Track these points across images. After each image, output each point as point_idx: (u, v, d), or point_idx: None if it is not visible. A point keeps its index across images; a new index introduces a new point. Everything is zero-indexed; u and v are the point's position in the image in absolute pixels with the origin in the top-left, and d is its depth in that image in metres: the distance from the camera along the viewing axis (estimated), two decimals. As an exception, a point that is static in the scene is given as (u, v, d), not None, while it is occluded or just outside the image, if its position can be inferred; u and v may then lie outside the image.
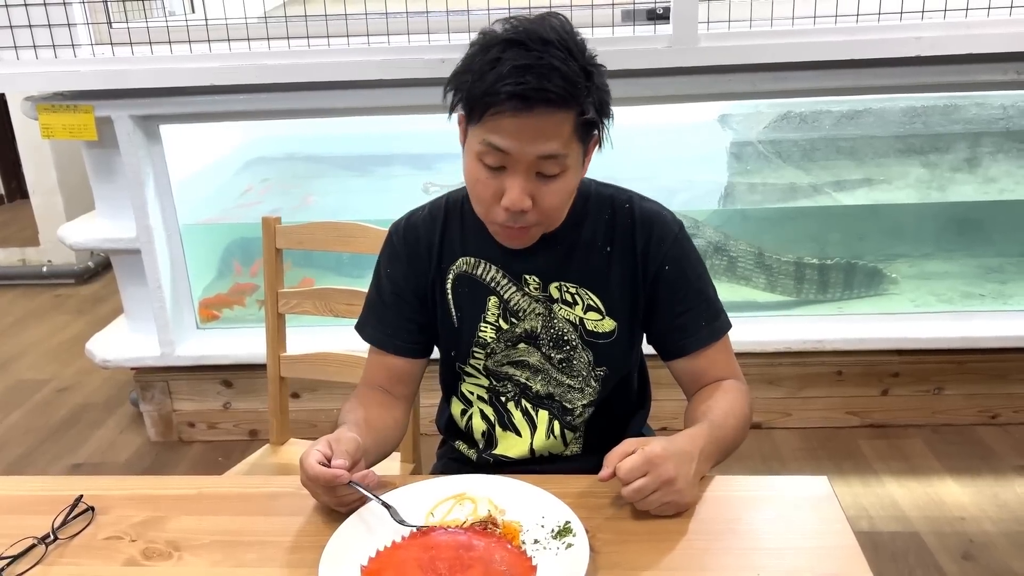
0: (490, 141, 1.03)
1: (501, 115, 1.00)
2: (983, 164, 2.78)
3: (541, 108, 0.99)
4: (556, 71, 0.99)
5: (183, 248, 2.51)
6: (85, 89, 2.23)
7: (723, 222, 2.82)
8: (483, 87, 1.01)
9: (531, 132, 1.01)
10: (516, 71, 0.98)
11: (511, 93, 0.98)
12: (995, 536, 2.05)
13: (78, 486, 1.09)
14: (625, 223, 1.17)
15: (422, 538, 0.94)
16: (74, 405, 2.95)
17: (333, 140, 3.09)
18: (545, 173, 1.05)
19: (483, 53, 1.02)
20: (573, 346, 1.19)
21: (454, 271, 1.21)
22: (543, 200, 1.06)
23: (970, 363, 2.48)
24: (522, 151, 1.02)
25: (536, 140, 1.01)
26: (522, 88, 0.98)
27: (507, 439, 1.25)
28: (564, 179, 1.07)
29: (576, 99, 1.02)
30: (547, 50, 1.00)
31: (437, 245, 1.21)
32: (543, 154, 1.03)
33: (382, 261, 1.26)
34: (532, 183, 1.05)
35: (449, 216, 1.22)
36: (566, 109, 1.01)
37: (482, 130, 1.03)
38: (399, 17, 2.17)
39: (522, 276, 1.18)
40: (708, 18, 2.12)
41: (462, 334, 1.22)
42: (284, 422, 1.73)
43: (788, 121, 2.81)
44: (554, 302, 1.18)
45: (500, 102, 0.99)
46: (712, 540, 0.96)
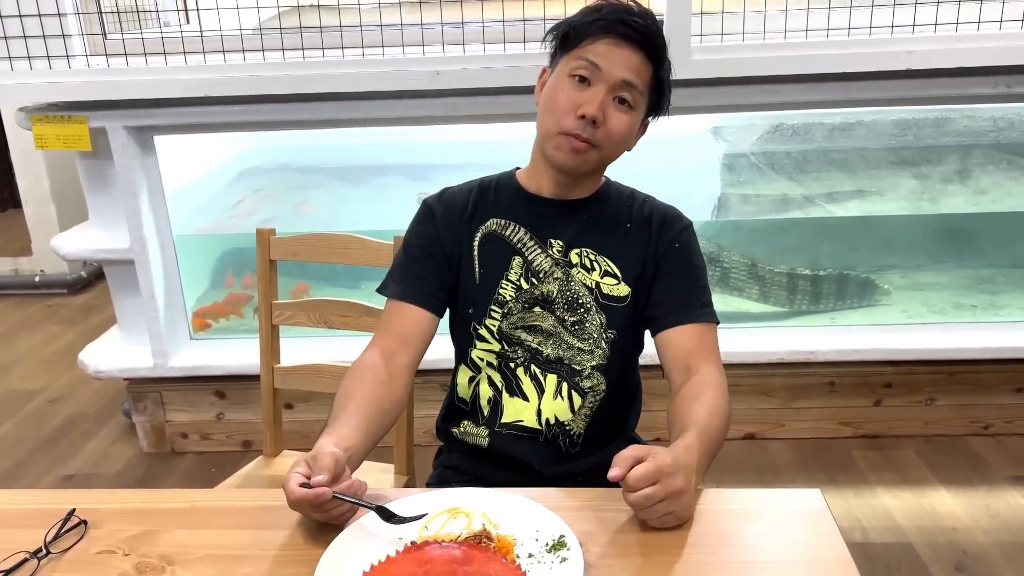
0: (587, 56, 1.19)
1: (604, 38, 1.18)
2: (974, 176, 2.80)
3: (636, 47, 1.18)
4: (650, 25, 1.19)
5: (176, 259, 2.50)
6: (79, 100, 2.23)
7: (716, 233, 2.83)
8: (593, 17, 1.20)
9: (623, 59, 1.18)
10: (626, 12, 1.19)
11: (616, 20, 1.18)
12: (988, 547, 2.06)
13: (70, 499, 1.09)
14: (644, 211, 1.31)
15: (416, 552, 0.94)
16: (66, 416, 2.93)
17: (327, 151, 3.09)
18: (621, 98, 1.20)
19: (588, 11, 1.21)
20: (587, 308, 1.27)
21: (483, 230, 1.30)
22: (610, 122, 1.20)
23: (962, 374, 2.49)
24: (611, 70, 1.18)
25: (624, 67, 1.18)
26: (626, 18, 1.18)
27: (513, 404, 1.28)
28: (630, 116, 1.22)
29: (658, 59, 1.21)
30: (645, 16, 1.20)
31: (471, 208, 1.31)
32: (627, 79, 1.19)
33: (413, 224, 1.34)
34: (607, 103, 1.19)
35: (484, 185, 1.34)
36: (652, 61, 1.20)
37: (581, 50, 1.20)
38: (394, 29, 2.18)
39: (548, 240, 1.28)
40: (701, 31, 2.13)
41: (482, 291, 1.29)
42: (278, 434, 1.73)
43: (781, 133, 2.83)
44: (573, 267, 1.28)
45: (603, 28, 1.18)
46: (706, 554, 0.97)
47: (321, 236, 1.63)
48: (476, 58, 2.16)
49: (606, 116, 1.19)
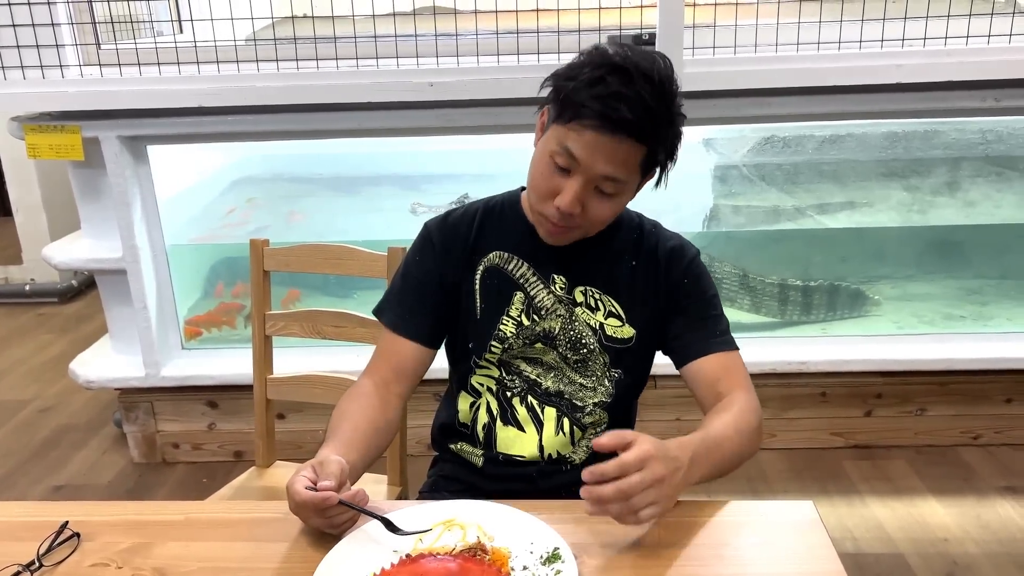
0: (567, 146, 1.11)
1: (585, 128, 1.09)
2: (963, 188, 2.82)
3: (622, 135, 1.09)
4: (647, 109, 1.08)
5: (169, 268, 2.50)
6: (73, 110, 2.23)
7: (708, 244, 2.84)
8: (581, 98, 1.09)
9: (604, 152, 1.10)
10: (614, 97, 1.08)
11: (602, 113, 1.08)
12: (978, 557, 2.07)
13: (63, 512, 1.09)
14: (650, 243, 1.27)
15: (411, 565, 0.94)
16: (56, 426, 2.92)
17: (320, 160, 3.09)
18: (602, 190, 1.14)
19: (592, 68, 1.10)
20: (591, 349, 1.25)
21: (485, 263, 1.27)
22: (591, 211, 1.15)
23: (952, 384, 2.51)
24: (590, 165, 1.11)
25: (606, 160, 1.11)
26: (613, 113, 1.08)
27: (507, 433, 1.27)
28: (616, 199, 1.17)
29: (652, 138, 1.12)
30: (646, 88, 1.08)
31: (473, 238, 1.28)
32: (606, 174, 1.12)
33: (412, 250, 1.32)
34: (587, 194, 1.14)
35: (487, 215, 1.29)
36: (641, 143, 1.11)
37: (563, 132, 1.12)
38: (388, 40, 2.19)
39: (551, 275, 1.25)
40: (693, 44, 2.15)
41: (483, 326, 1.26)
42: (270, 444, 1.73)
43: (772, 145, 2.85)
44: (577, 305, 1.25)
45: (590, 116, 1.09)
46: (699, 566, 0.97)
47: (314, 247, 1.64)
48: (470, 70, 2.17)
49: (585, 206, 1.15)
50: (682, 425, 2.37)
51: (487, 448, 1.29)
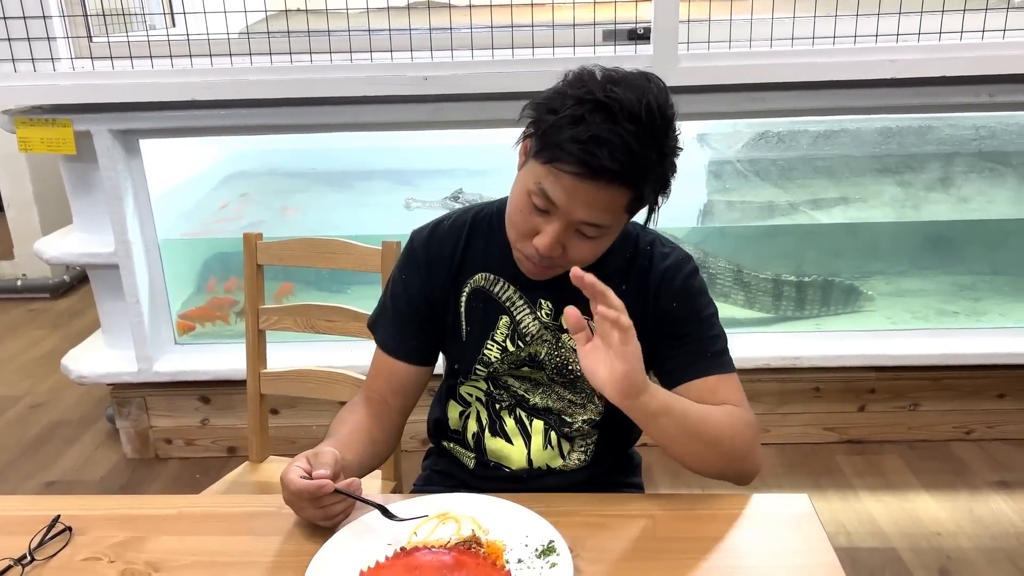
0: (544, 188, 1.04)
1: (563, 173, 1.02)
2: (956, 184, 2.83)
3: (603, 182, 1.01)
4: (631, 153, 1.00)
5: (162, 263, 2.49)
6: (64, 103, 2.22)
7: (702, 239, 2.85)
8: (559, 139, 1.01)
9: (584, 198, 1.03)
10: (593, 141, 0.99)
11: (580, 160, 1.00)
12: (971, 552, 2.07)
13: (55, 506, 1.08)
14: (643, 264, 1.19)
15: (405, 558, 0.94)
16: (48, 421, 2.90)
17: (314, 155, 3.08)
18: (583, 233, 1.07)
19: (572, 103, 1.02)
20: (577, 376, 1.21)
21: (471, 284, 1.22)
22: (572, 252, 1.09)
23: (945, 379, 2.52)
24: (569, 211, 1.04)
25: (586, 207, 1.03)
26: (592, 159, 0.99)
27: (495, 443, 1.25)
28: (599, 241, 1.09)
29: (638, 181, 1.03)
30: (630, 129, 1.00)
31: (459, 257, 1.22)
32: (588, 221, 1.05)
33: (398, 266, 1.27)
34: (568, 236, 1.07)
35: (474, 231, 1.23)
36: (626, 188, 1.03)
37: (542, 171, 1.04)
38: (382, 34, 2.18)
39: (538, 300, 1.20)
40: (688, 39, 2.15)
41: (468, 349, 1.23)
42: (264, 439, 1.72)
43: (766, 140, 2.85)
44: (564, 331, 1.19)
45: (568, 161, 1.01)
46: (695, 558, 0.97)
47: (308, 241, 1.63)
48: (464, 64, 2.16)
49: (566, 247, 1.08)
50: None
51: (478, 453, 1.28)
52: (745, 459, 1.12)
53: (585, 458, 1.25)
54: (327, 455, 1.03)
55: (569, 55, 2.15)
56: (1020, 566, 2.01)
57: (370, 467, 1.20)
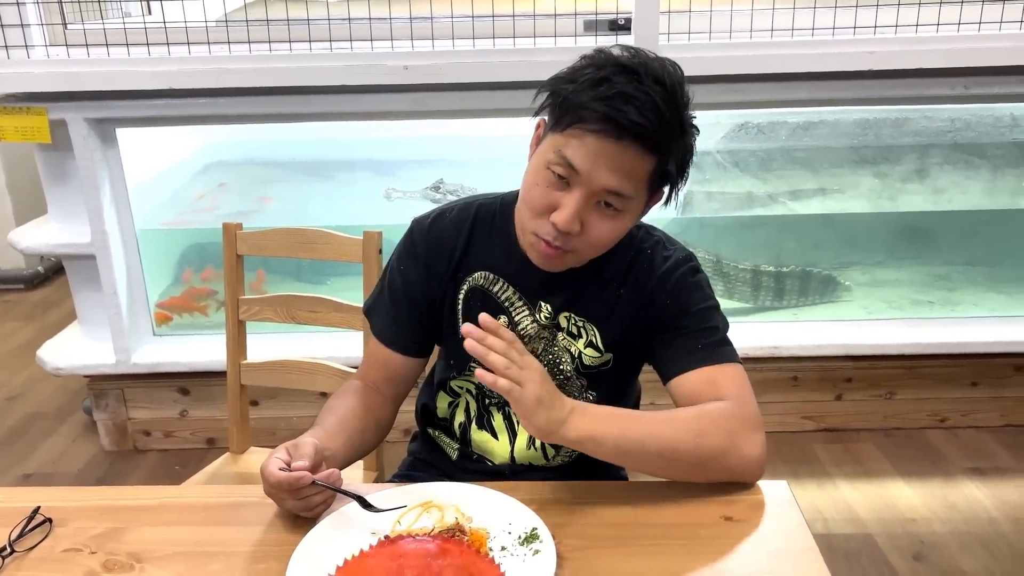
0: (565, 154, 1.00)
1: (587, 133, 0.98)
2: (932, 175, 2.86)
3: (628, 141, 0.97)
4: (658, 113, 0.97)
5: (139, 253, 2.46)
6: (39, 91, 2.19)
7: (682, 230, 2.86)
8: (582, 98, 0.98)
9: (609, 161, 0.98)
10: (620, 97, 0.96)
11: (607, 115, 0.96)
12: (944, 536, 2.11)
13: (34, 497, 1.07)
14: (641, 267, 1.16)
15: (389, 547, 0.94)
16: (24, 414, 2.87)
17: (293, 145, 3.06)
18: (606, 203, 1.02)
19: (595, 69, 0.99)
20: (567, 376, 1.19)
21: (470, 283, 1.19)
22: (591, 230, 1.04)
23: (920, 368, 2.55)
24: (592, 176, 1.00)
25: (610, 170, 0.99)
26: (620, 115, 0.96)
27: (481, 436, 1.25)
28: (619, 219, 1.05)
29: (662, 148, 1.00)
30: (657, 89, 0.97)
31: (459, 253, 1.19)
32: (611, 188, 1.00)
33: (397, 255, 1.24)
34: (587, 210, 1.02)
35: (477, 226, 1.19)
36: (651, 153, 0.99)
37: (561, 139, 1.00)
38: (362, 22, 2.17)
39: (538, 302, 1.17)
40: (669, 29, 2.15)
41: (463, 348, 1.20)
42: (244, 430, 1.71)
43: (746, 131, 2.87)
44: (560, 330, 1.17)
45: (592, 119, 0.97)
46: (675, 544, 0.98)
47: (288, 231, 1.62)
48: (445, 53, 2.16)
49: (585, 224, 1.03)
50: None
51: (463, 444, 1.28)
52: (721, 458, 1.05)
53: (568, 460, 1.25)
54: (307, 446, 1.03)
55: (550, 45, 2.15)
56: (992, 550, 2.05)
57: (361, 453, 1.20)
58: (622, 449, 1.03)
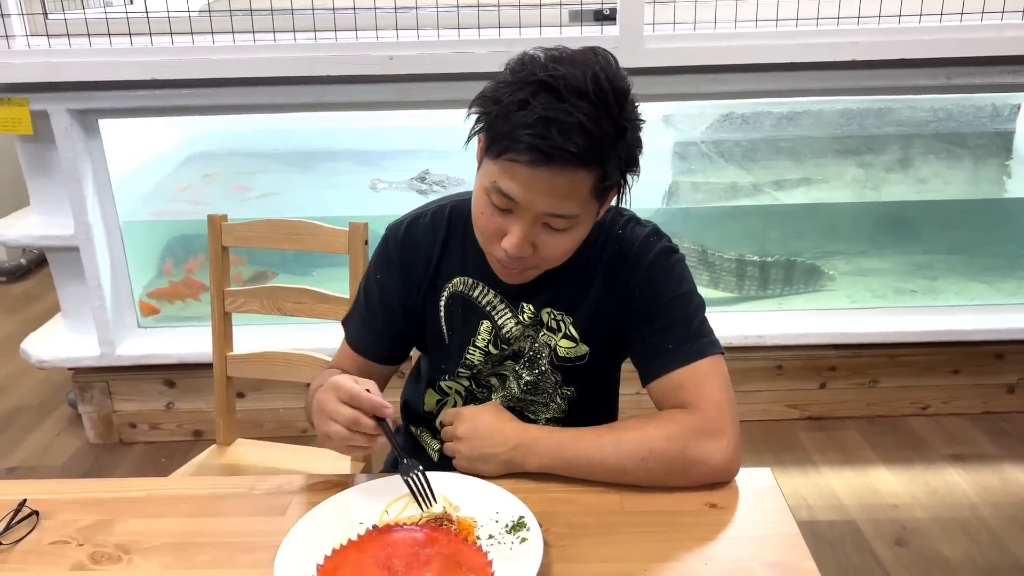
0: (500, 186, 0.98)
1: (517, 163, 0.95)
2: (914, 165, 2.89)
3: (559, 166, 0.94)
4: (583, 131, 0.93)
5: (123, 245, 2.45)
6: (20, 82, 2.16)
7: (667, 220, 2.86)
8: (506, 128, 0.95)
9: (544, 187, 0.96)
10: (541, 123, 0.93)
11: (530, 145, 0.93)
12: (926, 522, 2.14)
13: (20, 490, 1.07)
14: (612, 249, 1.14)
15: (378, 536, 0.94)
16: (7, 407, 2.85)
17: (278, 135, 3.05)
18: (552, 226, 1.01)
19: (514, 89, 0.96)
20: (543, 370, 1.19)
21: (449, 289, 1.18)
22: (543, 250, 1.03)
23: (902, 356, 2.58)
24: (530, 204, 0.98)
25: (548, 196, 0.97)
26: (543, 143, 0.93)
27: None
28: (571, 233, 1.03)
29: (599, 161, 0.96)
30: (579, 104, 0.93)
31: (436, 260, 1.17)
32: (552, 212, 0.98)
33: (373, 264, 1.22)
34: (536, 232, 1.01)
35: (452, 231, 1.17)
36: (587, 169, 0.96)
37: (496, 169, 0.98)
38: (347, 12, 2.16)
39: (520, 303, 1.16)
40: (654, 20, 2.16)
41: (451, 352, 1.20)
42: (231, 422, 1.71)
43: (730, 121, 2.88)
44: (542, 325, 1.17)
45: (518, 151, 0.94)
46: (660, 532, 0.99)
47: (274, 222, 1.61)
48: (430, 43, 2.15)
49: (537, 245, 1.01)
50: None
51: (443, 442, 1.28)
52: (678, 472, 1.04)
53: None
54: (372, 383, 1.04)
55: (535, 35, 2.15)
56: (972, 536, 2.08)
57: None
58: (575, 474, 1.06)
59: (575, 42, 1.06)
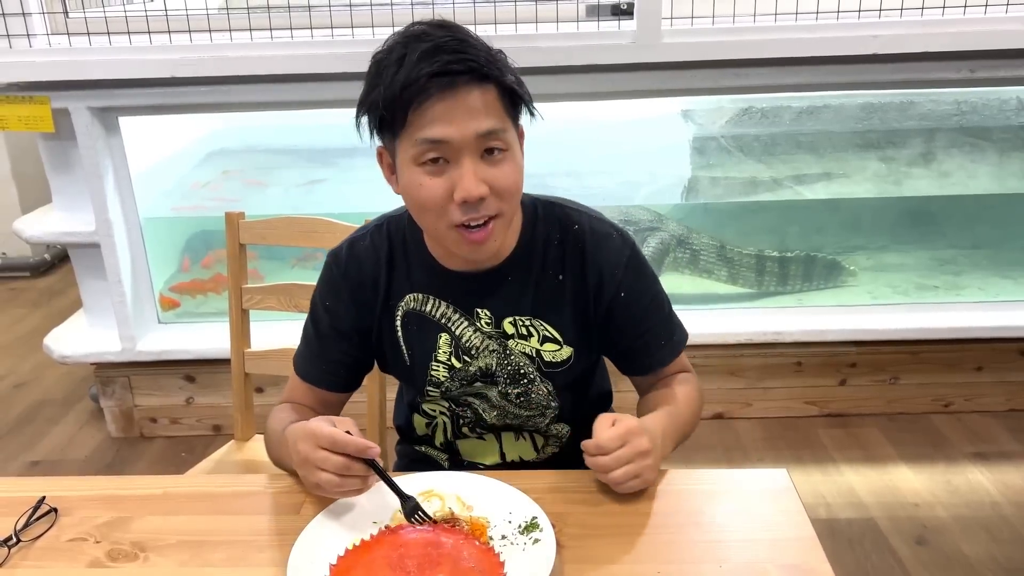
0: (425, 136, 0.98)
1: (428, 104, 0.96)
2: (937, 159, 2.85)
3: (464, 82, 0.97)
4: (468, 44, 0.99)
5: (144, 241, 2.47)
6: (41, 80, 2.19)
7: (686, 215, 2.85)
8: (400, 82, 0.96)
9: (463, 111, 0.98)
10: (428, 53, 0.96)
11: (431, 73, 0.95)
12: (947, 521, 2.12)
13: (40, 487, 1.08)
14: (576, 247, 1.14)
15: (391, 536, 0.95)
16: (31, 401, 2.89)
17: (295, 131, 3.06)
18: (491, 150, 1.01)
19: (386, 64, 0.99)
20: (531, 379, 1.17)
21: (403, 308, 1.16)
22: (497, 182, 1.01)
23: (924, 353, 2.55)
24: (461, 134, 0.98)
25: (471, 118, 0.98)
26: (440, 65, 0.95)
27: (467, 445, 1.26)
28: (511, 158, 1.03)
29: (495, 68, 1.00)
30: (449, 33, 0.99)
31: (384, 282, 1.16)
32: (482, 131, 0.99)
33: (320, 292, 1.20)
34: (480, 168, 1.00)
35: (394, 249, 1.16)
36: (488, 81, 0.99)
37: (412, 130, 0.99)
38: (363, 9, 2.16)
39: (474, 310, 1.15)
40: (671, 14, 2.14)
41: (415, 372, 1.19)
42: (249, 418, 1.72)
43: (749, 116, 2.85)
44: (509, 338, 1.15)
45: (423, 89, 0.96)
46: (675, 533, 0.99)
47: (290, 220, 1.62)
48: (447, 39, 2.14)
49: (489, 182, 1.00)
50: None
51: (451, 454, 1.28)
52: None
53: (557, 451, 1.26)
54: (350, 423, 1.01)
55: (552, 30, 2.13)
56: (995, 535, 2.06)
57: None
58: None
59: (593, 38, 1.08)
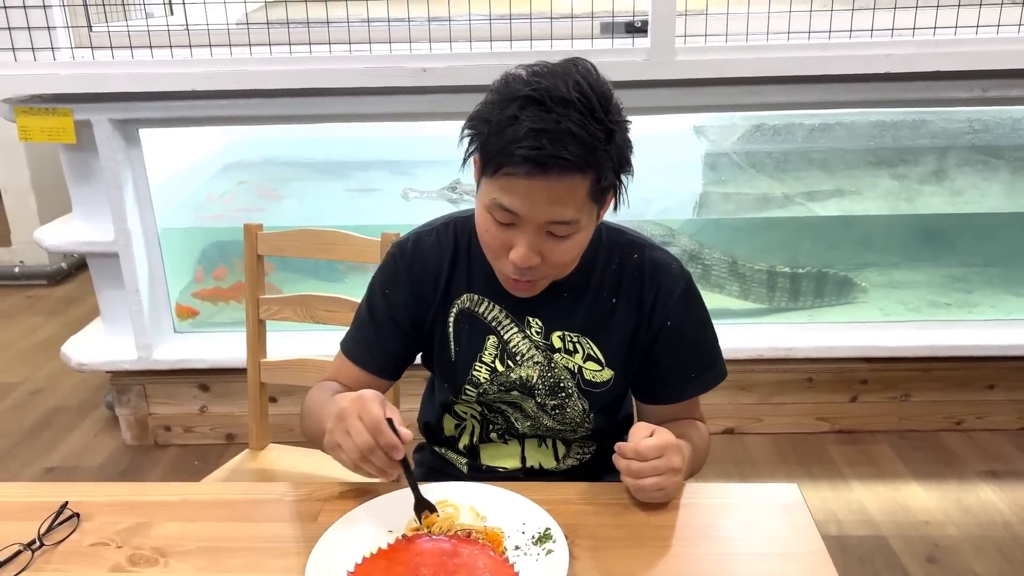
0: (501, 202, 1.01)
1: (514, 176, 0.99)
2: (949, 177, 2.85)
3: (555, 174, 0.98)
4: (573, 137, 0.96)
5: (161, 251, 2.50)
6: (64, 92, 2.23)
7: (697, 231, 2.87)
8: (499, 145, 0.99)
9: (543, 196, 0.99)
10: (532, 134, 0.96)
11: (525, 157, 0.96)
12: (959, 540, 2.11)
13: (62, 492, 1.10)
14: (633, 274, 1.17)
15: (407, 545, 0.96)
16: (47, 408, 2.92)
17: (312, 144, 3.09)
18: (556, 234, 1.04)
19: (502, 107, 1.00)
20: (569, 394, 1.19)
21: (458, 305, 1.20)
22: (551, 257, 1.05)
23: (936, 371, 2.55)
24: (532, 214, 1.01)
25: (548, 205, 1.00)
26: (536, 154, 0.96)
27: (490, 450, 1.27)
28: (575, 238, 1.05)
29: (593, 164, 0.99)
30: (566, 112, 0.97)
31: (444, 279, 1.19)
32: (554, 219, 1.01)
33: (380, 279, 1.23)
34: (541, 241, 1.04)
35: (458, 249, 1.20)
36: (582, 174, 0.99)
37: (494, 186, 1.02)
38: (381, 24, 2.19)
39: (526, 318, 1.18)
40: (685, 32, 2.16)
41: (457, 370, 1.21)
42: (264, 427, 1.74)
43: (762, 133, 2.87)
44: (556, 351, 1.18)
45: (514, 164, 0.97)
46: (687, 547, 1.00)
47: (307, 232, 1.64)
48: (462, 55, 2.17)
49: (544, 253, 1.04)
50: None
51: (472, 458, 1.29)
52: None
53: (578, 463, 1.27)
54: (395, 413, 1.00)
55: (567, 47, 2.16)
56: (1007, 554, 2.05)
57: None
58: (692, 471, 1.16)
59: (607, 55, 1.09)
